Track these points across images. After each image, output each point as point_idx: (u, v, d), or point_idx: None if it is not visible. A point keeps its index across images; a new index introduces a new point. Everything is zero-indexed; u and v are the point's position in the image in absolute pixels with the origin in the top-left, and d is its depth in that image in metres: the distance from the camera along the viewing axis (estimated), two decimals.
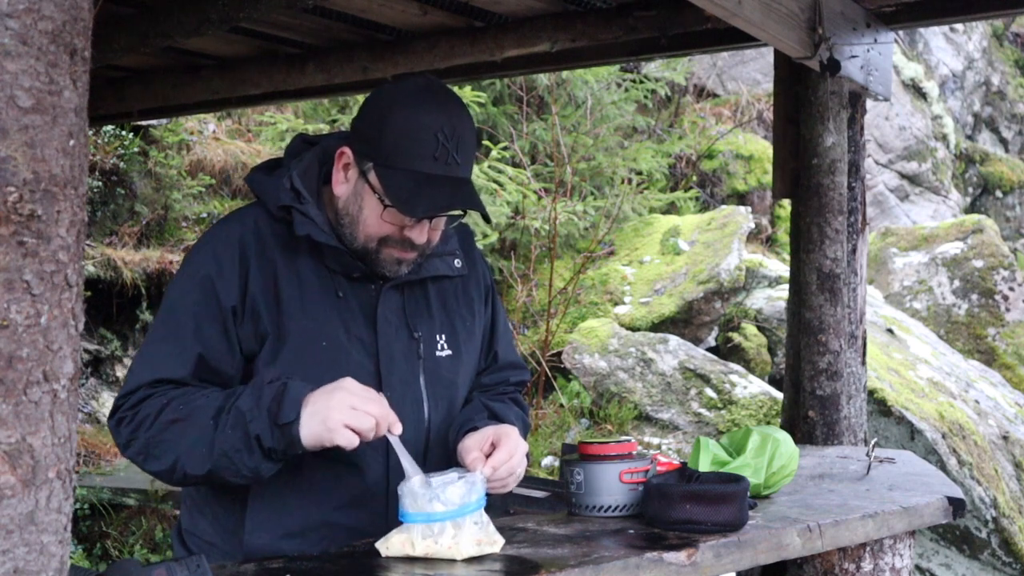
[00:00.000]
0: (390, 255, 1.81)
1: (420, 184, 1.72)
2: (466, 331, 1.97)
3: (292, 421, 1.62)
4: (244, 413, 1.65)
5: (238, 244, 1.79)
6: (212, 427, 1.66)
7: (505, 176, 7.09)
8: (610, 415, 5.88)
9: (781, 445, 2.20)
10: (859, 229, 3.31)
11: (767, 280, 7.03)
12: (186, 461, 1.68)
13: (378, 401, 1.66)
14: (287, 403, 1.64)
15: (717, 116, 10.41)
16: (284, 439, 1.63)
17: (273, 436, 1.63)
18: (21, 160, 0.95)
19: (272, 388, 1.66)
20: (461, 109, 1.79)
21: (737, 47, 3.52)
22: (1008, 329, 7.61)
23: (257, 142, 7.80)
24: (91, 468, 5.35)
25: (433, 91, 1.79)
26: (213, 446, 1.65)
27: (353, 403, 1.62)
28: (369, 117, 1.80)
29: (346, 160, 1.81)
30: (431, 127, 1.72)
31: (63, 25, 0.98)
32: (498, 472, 1.74)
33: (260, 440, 1.63)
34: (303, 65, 3.70)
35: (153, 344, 1.80)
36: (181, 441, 1.68)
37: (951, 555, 5.17)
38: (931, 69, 12.20)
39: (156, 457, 1.71)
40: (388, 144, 1.74)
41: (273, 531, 1.80)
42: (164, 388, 1.74)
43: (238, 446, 1.64)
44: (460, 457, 1.79)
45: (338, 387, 1.64)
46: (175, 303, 1.80)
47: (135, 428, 1.72)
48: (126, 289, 6.17)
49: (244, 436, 1.64)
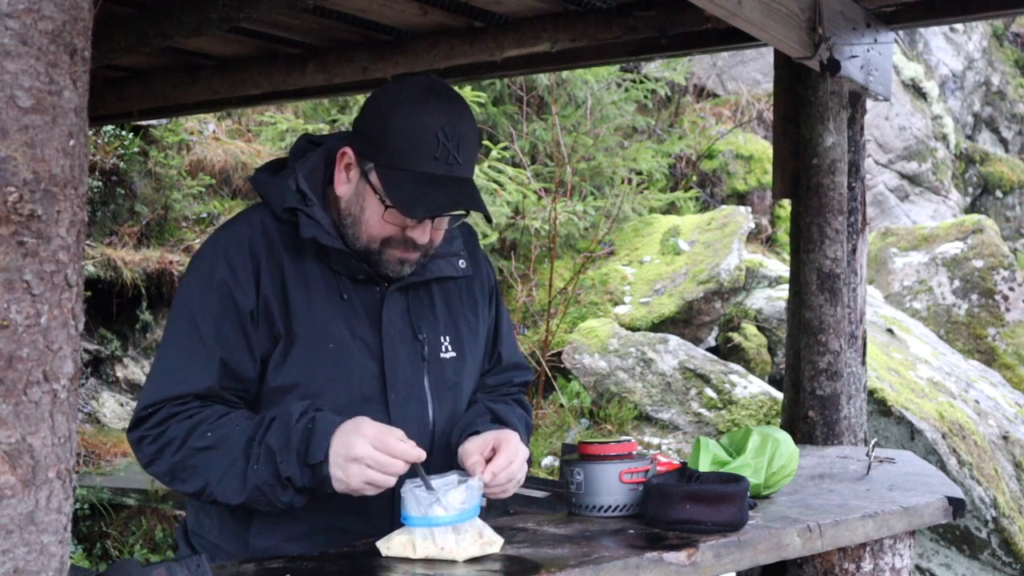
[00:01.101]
0: (393, 256, 1.80)
1: (421, 185, 1.71)
2: (470, 333, 1.96)
3: (321, 462, 1.64)
4: (275, 453, 1.66)
5: (248, 246, 1.78)
6: (243, 459, 1.67)
7: (505, 176, 7.09)
8: (610, 415, 5.88)
9: (781, 445, 2.20)
10: (859, 229, 3.31)
11: (767, 280, 7.03)
12: (217, 489, 1.70)
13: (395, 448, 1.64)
14: (315, 444, 1.65)
15: (717, 116, 10.41)
16: (315, 477, 1.66)
17: (303, 476, 1.66)
18: (21, 160, 0.95)
19: (300, 428, 1.67)
20: (463, 108, 1.78)
21: (737, 47, 3.52)
22: (1008, 329, 7.61)
23: (257, 142, 7.80)
24: (91, 468, 5.35)
25: (435, 91, 1.77)
26: (246, 480, 1.67)
27: (371, 471, 1.63)
28: (370, 117, 1.79)
29: (348, 160, 1.80)
30: (432, 127, 1.72)
31: (63, 25, 0.98)
32: (498, 478, 1.74)
33: (292, 481, 1.66)
34: (303, 65, 3.70)
35: (174, 352, 1.77)
36: (211, 469, 1.69)
37: (951, 555, 5.17)
38: (931, 69, 12.20)
39: (183, 480, 1.72)
40: (389, 145, 1.73)
41: (279, 534, 1.80)
42: (190, 406, 1.73)
43: (271, 482, 1.67)
44: (461, 460, 1.79)
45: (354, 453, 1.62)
46: (193, 310, 1.77)
47: (160, 449, 1.72)
48: (126, 289, 6.18)
49: (275, 474, 1.66)
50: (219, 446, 1.68)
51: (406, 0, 3.13)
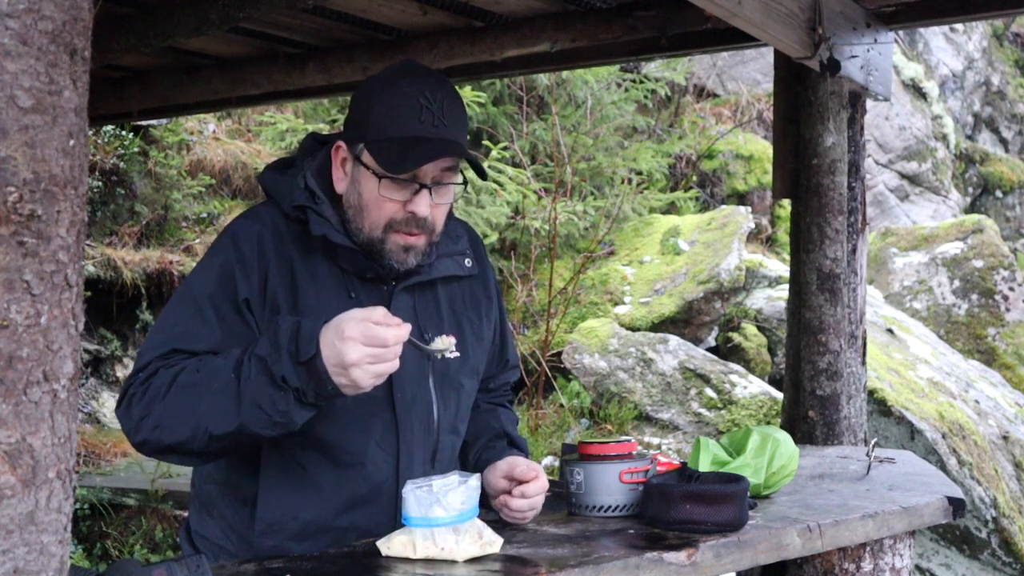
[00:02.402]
0: (397, 243, 1.78)
1: (408, 145, 1.73)
2: (473, 333, 1.97)
3: (313, 356, 1.57)
4: (265, 359, 1.59)
5: (257, 240, 1.79)
6: (235, 381, 1.60)
7: (505, 176, 7.09)
8: (610, 415, 5.88)
9: (781, 445, 2.20)
10: (859, 229, 3.31)
11: (767, 280, 7.03)
12: (210, 421, 1.61)
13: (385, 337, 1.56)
14: (303, 342, 1.58)
15: (717, 116, 10.40)
16: (310, 376, 1.57)
17: (298, 375, 1.57)
18: (21, 160, 0.95)
19: (287, 331, 1.60)
20: (443, 81, 1.82)
21: (737, 47, 3.52)
22: (1008, 329, 7.61)
23: (257, 142, 7.80)
24: (91, 468, 5.35)
25: (412, 67, 1.82)
26: (240, 398, 1.59)
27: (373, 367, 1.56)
28: (356, 105, 1.83)
29: (342, 154, 1.82)
30: (413, 94, 1.74)
31: (63, 25, 0.98)
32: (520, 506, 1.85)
33: (287, 381, 1.58)
34: (303, 65, 3.70)
35: (167, 321, 1.75)
36: (202, 403, 1.61)
37: (951, 555, 5.17)
38: (931, 69, 12.20)
39: (172, 428, 1.63)
40: (374, 120, 1.76)
41: (282, 534, 1.80)
42: (177, 358, 1.69)
43: (267, 390, 1.58)
44: (488, 485, 1.88)
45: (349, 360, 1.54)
46: (193, 288, 1.77)
47: (148, 403, 1.65)
48: (126, 289, 6.18)
49: (270, 379, 1.58)
50: (209, 377, 1.63)
51: (406, 0, 3.14)
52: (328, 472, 1.80)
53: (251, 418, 1.60)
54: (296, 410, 1.60)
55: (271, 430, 1.62)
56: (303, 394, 1.59)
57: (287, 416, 1.60)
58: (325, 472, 1.80)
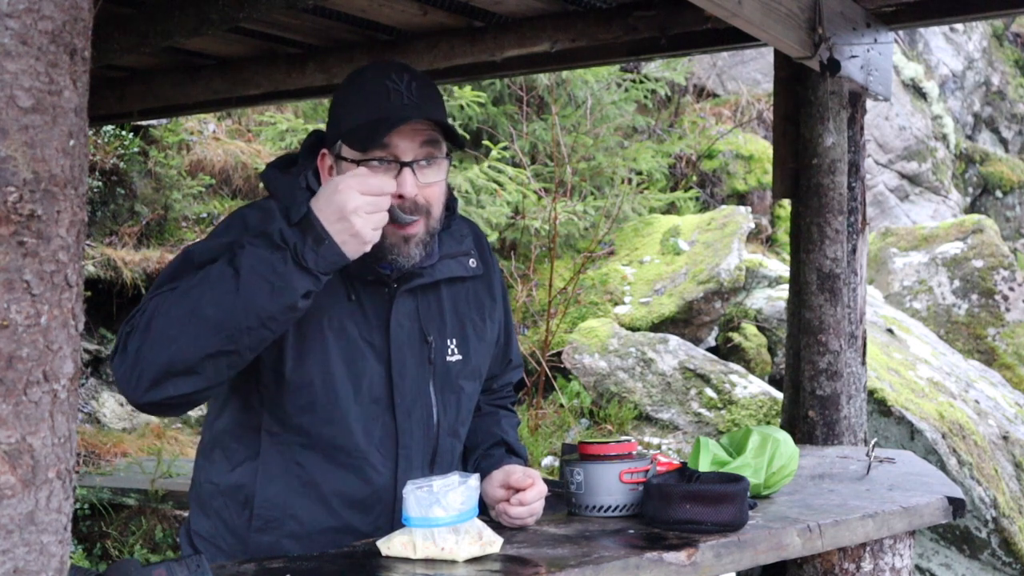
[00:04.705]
0: (394, 232, 1.74)
1: (377, 123, 1.72)
2: (476, 335, 1.96)
3: (305, 214, 1.59)
4: (259, 232, 1.61)
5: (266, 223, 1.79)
6: (231, 266, 1.58)
7: (505, 176, 7.09)
8: (610, 415, 5.88)
9: (781, 445, 2.20)
10: (859, 229, 3.31)
11: (767, 280, 7.03)
12: (208, 307, 1.56)
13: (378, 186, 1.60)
14: (295, 208, 1.63)
15: (717, 116, 10.40)
16: (305, 233, 1.57)
17: (293, 232, 1.58)
18: (21, 160, 0.95)
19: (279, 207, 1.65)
20: (410, 67, 1.83)
21: (737, 47, 3.52)
22: (1008, 329, 7.61)
23: (257, 142, 7.80)
24: (91, 468, 5.35)
25: (377, 62, 1.87)
26: (239, 275, 1.56)
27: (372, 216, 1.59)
28: (330, 111, 1.85)
29: (328, 161, 1.82)
30: (379, 79, 1.76)
31: (63, 25, 0.98)
32: (520, 513, 1.85)
33: (285, 239, 1.57)
34: (303, 65, 3.70)
35: (162, 279, 1.71)
36: (202, 296, 1.57)
37: (951, 555, 5.17)
38: (931, 69, 12.20)
39: (171, 336, 1.57)
40: (345, 114, 1.78)
41: (279, 531, 1.80)
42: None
43: (265, 254, 1.57)
44: (486, 495, 1.88)
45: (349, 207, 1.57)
46: (193, 257, 1.72)
47: (147, 323, 1.59)
48: (126, 289, 6.17)
49: (268, 242, 1.58)
50: (205, 275, 1.60)
51: (406, 0, 3.14)
52: (327, 473, 1.80)
53: (250, 290, 1.56)
54: (295, 273, 1.57)
55: (272, 303, 1.57)
56: (301, 256, 1.57)
57: (285, 280, 1.56)
58: (324, 473, 1.80)
